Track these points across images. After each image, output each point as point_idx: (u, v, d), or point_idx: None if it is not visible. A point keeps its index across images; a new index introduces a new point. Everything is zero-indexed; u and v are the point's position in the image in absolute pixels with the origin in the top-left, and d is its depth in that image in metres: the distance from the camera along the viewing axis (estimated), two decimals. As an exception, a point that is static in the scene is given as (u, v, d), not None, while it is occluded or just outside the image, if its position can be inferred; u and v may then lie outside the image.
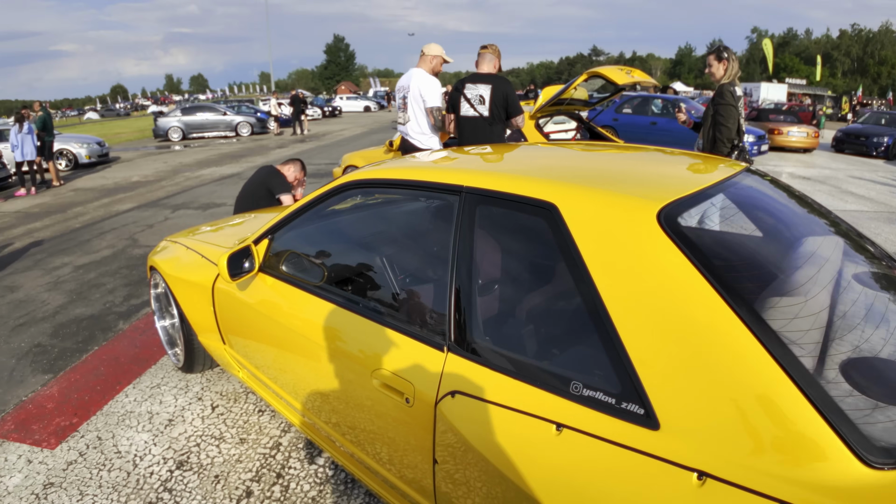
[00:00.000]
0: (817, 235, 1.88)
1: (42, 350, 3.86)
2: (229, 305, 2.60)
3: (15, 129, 10.07)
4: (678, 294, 1.19)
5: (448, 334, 1.57)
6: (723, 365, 1.09)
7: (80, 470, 2.54)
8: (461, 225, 1.64)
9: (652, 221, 1.30)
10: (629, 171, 1.91)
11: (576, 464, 1.20)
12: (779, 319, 1.21)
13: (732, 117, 4.11)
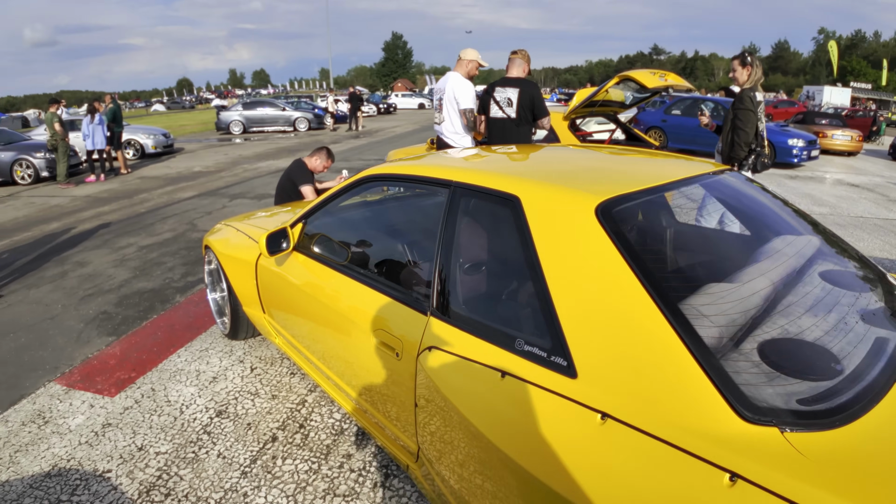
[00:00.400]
0: (772, 233, 2.03)
1: (107, 317, 4.34)
2: (269, 279, 2.95)
3: (87, 119, 10.91)
4: (602, 274, 1.42)
5: (431, 302, 1.85)
6: (632, 332, 1.31)
7: (135, 414, 2.94)
8: (448, 213, 1.92)
9: (590, 213, 1.52)
10: (589, 169, 2.13)
11: (512, 403, 1.45)
12: (690, 301, 1.42)
13: (751, 122, 4.18)
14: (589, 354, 1.35)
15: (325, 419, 2.82)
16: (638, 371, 1.27)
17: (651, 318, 1.29)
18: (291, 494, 2.30)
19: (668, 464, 1.13)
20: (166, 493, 2.34)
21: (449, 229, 1.90)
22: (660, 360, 1.25)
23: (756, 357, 1.34)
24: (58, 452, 2.65)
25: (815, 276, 1.82)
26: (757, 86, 4.34)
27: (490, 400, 1.51)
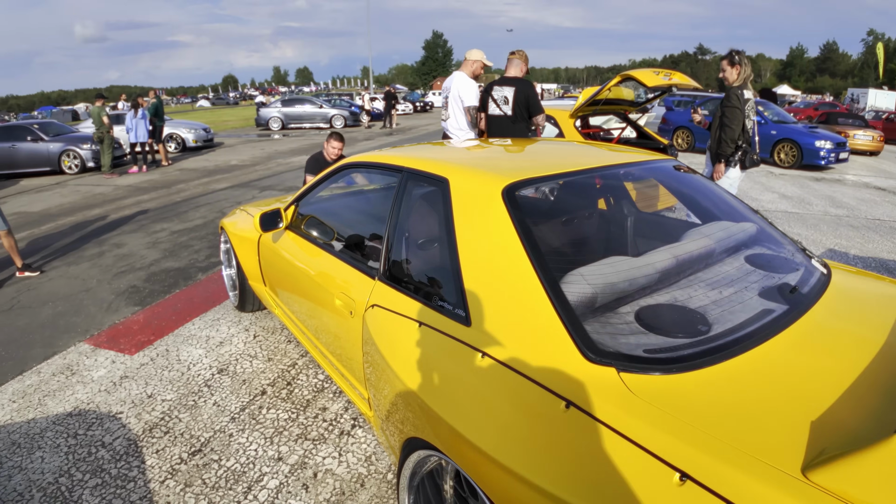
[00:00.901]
0: (696, 218, 2.28)
1: (136, 290, 4.81)
2: (268, 256, 3.32)
3: (130, 114, 11.62)
4: (498, 243, 1.70)
5: (379, 269, 2.17)
6: (512, 290, 1.59)
7: (149, 369, 3.36)
8: (398, 194, 2.25)
9: (497, 193, 1.81)
10: (513, 158, 2.40)
11: (424, 346, 1.76)
12: (579, 270, 1.67)
13: (737, 119, 4.34)
14: (480, 307, 1.65)
15: (309, 379, 3.18)
16: (513, 321, 1.56)
17: (528, 281, 1.57)
18: (269, 437, 2.66)
19: (521, 390, 1.42)
20: (166, 431, 2.73)
21: (397, 207, 2.22)
22: (529, 313, 1.53)
23: (630, 317, 1.60)
24: (80, 397, 3.08)
25: (739, 258, 2.04)
26: (746, 84, 4.49)
27: (406, 345, 1.82)
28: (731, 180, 4.54)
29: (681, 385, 1.32)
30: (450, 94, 5.24)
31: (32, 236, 6.90)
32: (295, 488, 2.31)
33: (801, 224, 6.92)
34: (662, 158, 2.52)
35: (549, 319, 1.48)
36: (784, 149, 12.11)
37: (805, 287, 1.86)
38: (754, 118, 4.50)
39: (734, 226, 2.24)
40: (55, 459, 2.55)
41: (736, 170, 4.51)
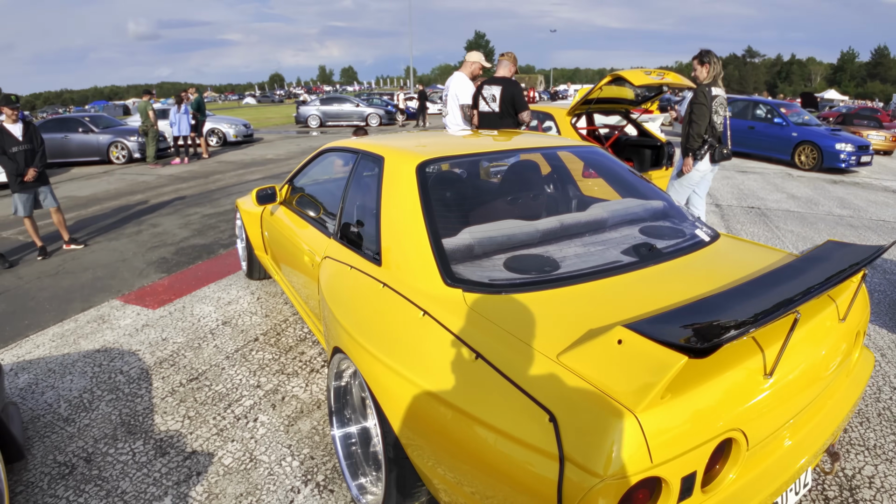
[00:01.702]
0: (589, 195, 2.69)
1: (164, 261, 5.45)
2: (267, 227, 3.86)
3: (174, 109, 12.48)
4: (405, 206, 2.17)
5: (334, 229, 2.67)
6: (410, 239, 2.05)
7: (166, 320, 3.95)
8: (353, 170, 2.74)
9: (412, 168, 2.28)
10: (439, 143, 2.82)
11: (349, 282, 2.25)
12: (469, 228, 2.12)
13: (704, 116, 4.66)
14: (390, 253, 2.12)
15: (296, 331, 3.71)
16: (406, 262, 2.03)
17: (419, 233, 2.04)
18: (253, 371, 3.20)
19: (400, 307, 1.89)
20: (172, 364, 3.30)
21: (351, 181, 2.73)
22: (417, 256, 1.99)
23: (500, 262, 2.02)
24: (107, 339, 3.68)
25: (634, 228, 2.42)
26: (717, 81, 4.79)
27: (341, 283, 2.31)
28: (701, 173, 4.85)
29: (506, 302, 1.75)
30: (448, 93, 5.71)
31: (80, 217, 7.69)
32: (265, 406, 2.84)
33: (798, 222, 7.08)
34: (585, 146, 2.95)
35: (428, 260, 1.95)
36: (805, 151, 12.09)
37: (668, 248, 2.21)
38: (723, 114, 4.80)
39: (639, 203, 2.64)
40: (81, 381, 3.15)
41: (705, 163, 4.81)
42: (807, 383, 1.58)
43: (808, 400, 1.59)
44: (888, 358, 3.34)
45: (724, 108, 4.83)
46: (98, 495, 2.26)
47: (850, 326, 1.81)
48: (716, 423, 1.28)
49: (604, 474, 1.13)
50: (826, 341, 1.68)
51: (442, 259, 1.93)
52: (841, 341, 1.76)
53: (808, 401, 1.59)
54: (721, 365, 1.36)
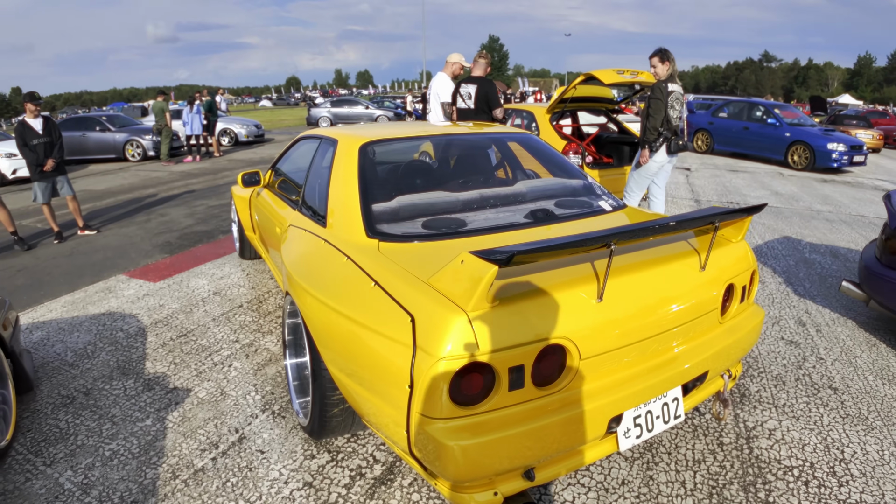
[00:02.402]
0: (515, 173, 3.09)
1: (168, 244, 5.95)
2: (255, 208, 4.31)
3: (187, 109, 13.07)
4: (346, 178, 2.59)
5: (298, 201, 3.11)
6: (346, 204, 2.47)
7: (164, 290, 4.43)
8: (316, 152, 3.17)
9: (356, 148, 2.71)
10: (384, 130, 3.22)
11: (302, 242, 2.68)
12: (399, 197, 2.53)
13: (660, 110, 5.03)
14: (333, 217, 2.54)
15: (276, 300, 4.16)
16: (343, 222, 2.45)
17: (353, 200, 2.46)
18: (234, 329, 3.66)
19: (332, 256, 2.31)
20: (165, 324, 3.77)
21: (314, 161, 3.16)
22: (350, 217, 2.41)
23: (420, 222, 2.42)
24: (112, 305, 4.16)
25: (551, 203, 2.77)
26: (674, 78, 5.15)
27: (295, 243, 2.75)
28: (658, 164, 5.22)
29: (408, 248, 2.17)
30: (431, 92, 6.15)
31: (94, 207, 8.24)
32: (240, 356, 3.29)
33: (772, 216, 7.35)
34: (519, 133, 3.36)
35: (356, 219, 2.38)
36: (797, 151, 12.26)
37: (565, 215, 2.61)
38: (679, 108, 5.16)
39: (561, 181, 3.05)
40: (87, 337, 3.62)
41: (661, 154, 5.18)
42: (651, 316, 1.90)
43: (654, 332, 1.91)
44: (823, 333, 3.67)
45: (681, 104, 5.19)
46: (92, 418, 2.71)
47: (714, 276, 2.14)
48: (542, 330, 1.65)
49: (439, 356, 1.53)
50: (680, 284, 2.03)
51: (367, 218, 2.36)
52: (701, 288, 2.07)
53: (654, 332, 1.91)
54: (555, 286, 1.75)
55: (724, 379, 2.38)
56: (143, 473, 2.30)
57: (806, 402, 2.87)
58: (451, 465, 1.53)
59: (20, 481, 2.28)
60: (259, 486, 2.20)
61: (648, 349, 1.91)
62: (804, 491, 2.22)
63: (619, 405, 1.79)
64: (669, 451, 2.43)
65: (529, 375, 1.64)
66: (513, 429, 1.58)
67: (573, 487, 2.21)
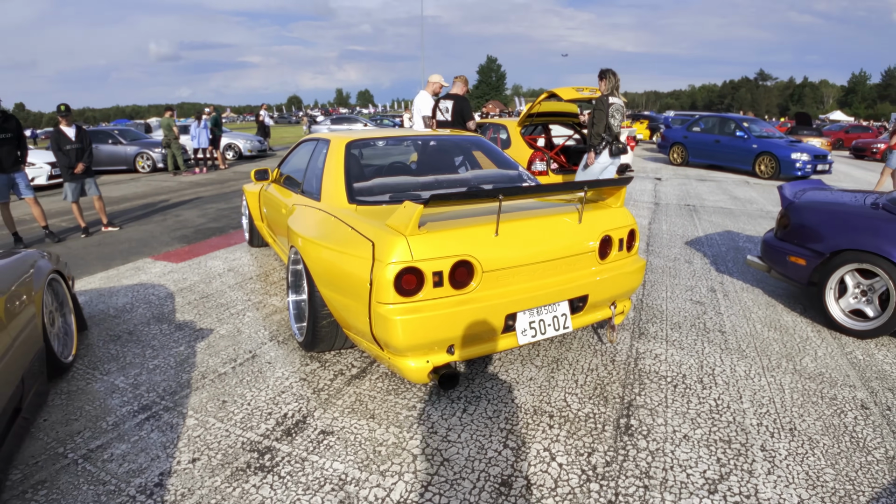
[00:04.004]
0: (462, 164, 3.97)
1: (185, 237, 6.82)
2: (263, 200, 5.19)
3: (194, 124, 14.02)
4: (336, 166, 3.45)
5: (300, 188, 3.97)
6: (335, 183, 3.34)
7: (185, 268, 5.29)
8: (314, 150, 4.05)
9: (343, 145, 3.58)
10: (366, 132, 4.10)
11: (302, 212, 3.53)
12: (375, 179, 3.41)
13: (601, 120, 5.94)
14: (325, 192, 3.41)
15: (280, 274, 5.03)
16: (331, 196, 3.32)
17: (340, 181, 3.33)
18: (246, 294, 4.51)
19: (324, 217, 3.17)
20: (189, 290, 4.63)
21: (312, 157, 4.03)
22: (337, 193, 3.28)
23: (387, 196, 3.29)
24: (142, 278, 5.02)
25: (490, 185, 3.68)
26: (613, 92, 6.04)
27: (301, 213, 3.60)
28: (601, 165, 6.11)
29: (376, 208, 3.04)
30: (414, 108, 7.09)
31: (112, 210, 9.12)
32: (251, 309, 4.15)
33: (722, 215, 8.18)
34: (470, 136, 4.26)
35: (342, 193, 3.25)
36: (764, 161, 13.13)
37: (486, 185, 3.55)
38: (619, 118, 6.06)
39: (501, 171, 3.93)
40: (124, 299, 4.47)
41: (604, 156, 6.07)
42: (536, 249, 2.71)
43: (540, 260, 2.72)
44: (729, 297, 4.48)
45: (621, 114, 6.08)
46: (136, 347, 3.55)
47: (590, 228, 2.95)
48: (455, 249, 2.50)
49: (388, 262, 2.39)
50: (561, 231, 2.87)
51: (349, 191, 3.26)
52: (578, 235, 2.90)
53: (540, 260, 2.73)
54: (466, 224, 2.62)
55: (612, 310, 3.19)
56: (179, 377, 3.14)
57: (694, 339, 3.63)
58: (395, 334, 2.38)
59: (83, 385, 3.11)
60: (267, 380, 3.06)
61: (536, 271, 2.76)
62: (671, 390, 2.98)
63: (512, 306, 2.63)
64: (571, 363, 3.27)
65: (447, 278, 2.49)
66: (436, 312, 2.43)
67: (493, 381, 3.05)
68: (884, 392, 2.98)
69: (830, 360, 3.37)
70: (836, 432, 2.60)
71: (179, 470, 2.33)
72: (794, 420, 2.70)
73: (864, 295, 3.76)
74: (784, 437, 2.54)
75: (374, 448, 2.40)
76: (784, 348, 3.52)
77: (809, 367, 3.26)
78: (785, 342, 3.61)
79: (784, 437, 2.54)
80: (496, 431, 2.56)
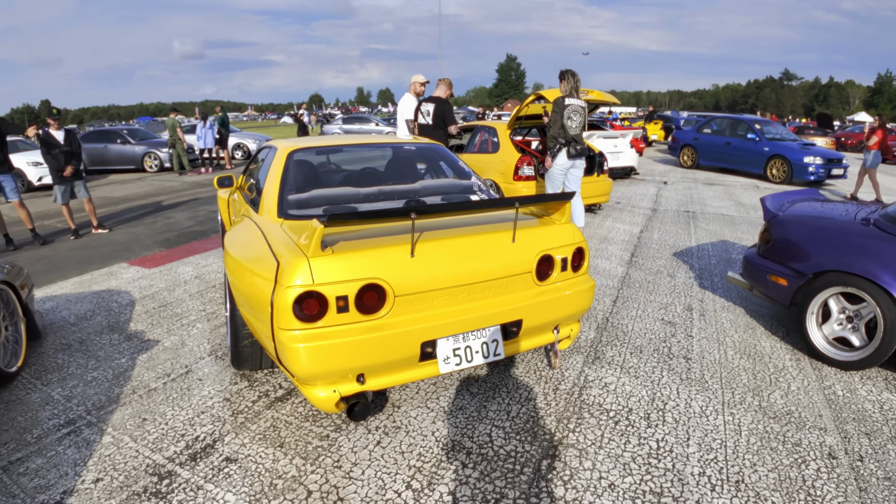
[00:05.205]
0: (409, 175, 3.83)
1: (167, 240, 6.82)
2: (231, 207, 5.14)
3: (200, 124, 14.13)
4: (275, 176, 3.33)
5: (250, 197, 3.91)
6: (271, 196, 3.21)
7: (156, 275, 5.28)
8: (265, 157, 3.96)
9: (284, 154, 3.47)
10: (313, 140, 3.98)
11: (240, 224, 3.44)
12: (312, 190, 3.28)
13: (556, 122, 5.79)
14: (262, 203, 3.30)
15: (246, 281, 4.97)
16: (267, 208, 3.21)
17: (275, 192, 3.21)
18: (204, 303, 4.47)
19: (253, 231, 3.05)
20: (151, 298, 4.60)
21: (263, 164, 3.95)
22: (271, 204, 3.16)
23: (321, 210, 3.14)
24: (112, 284, 5.01)
25: (439, 197, 3.48)
26: (571, 93, 5.86)
27: (238, 227, 3.51)
28: (560, 166, 5.96)
29: (302, 223, 2.80)
30: (398, 110, 6.99)
31: (110, 211, 9.20)
32: (203, 320, 4.10)
33: (721, 223, 7.91)
34: (428, 143, 4.12)
35: (274, 206, 3.11)
36: (776, 165, 12.71)
37: (429, 200, 3.36)
38: (578, 119, 5.86)
39: (454, 181, 3.72)
40: (88, 306, 4.46)
41: (562, 158, 5.90)
42: (458, 270, 2.51)
43: (464, 282, 2.52)
44: (706, 317, 4.22)
45: (578, 115, 5.88)
46: (83, 358, 3.52)
47: (525, 247, 2.71)
48: (363, 272, 2.34)
49: (286, 286, 2.26)
50: (491, 251, 2.63)
51: (280, 204, 3.09)
52: (510, 255, 2.66)
53: (464, 283, 2.52)
54: (378, 244, 2.45)
55: (555, 334, 2.96)
56: (111, 390, 3.10)
57: (654, 366, 3.34)
58: (295, 362, 2.25)
59: (22, 395, 3.09)
60: (192, 399, 2.99)
61: (461, 295, 2.56)
62: (611, 427, 2.70)
63: (430, 332, 2.43)
64: (510, 391, 3.08)
65: (353, 303, 2.34)
66: (341, 339, 2.28)
67: (420, 410, 2.89)
68: (858, 438, 2.65)
69: (804, 395, 3.05)
70: (792, 488, 2.30)
71: (81, 490, 2.29)
72: (743, 470, 2.40)
73: (850, 321, 3.40)
74: (726, 492, 2.27)
75: (271, 480, 2.31)
76: (753, 380, 3.20)
77: (777, 405, 2.94)
78: (756, 372, 3.29)
79: (726, 492, 2.27)
80: (404, 469, 2.41)
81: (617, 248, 6.24)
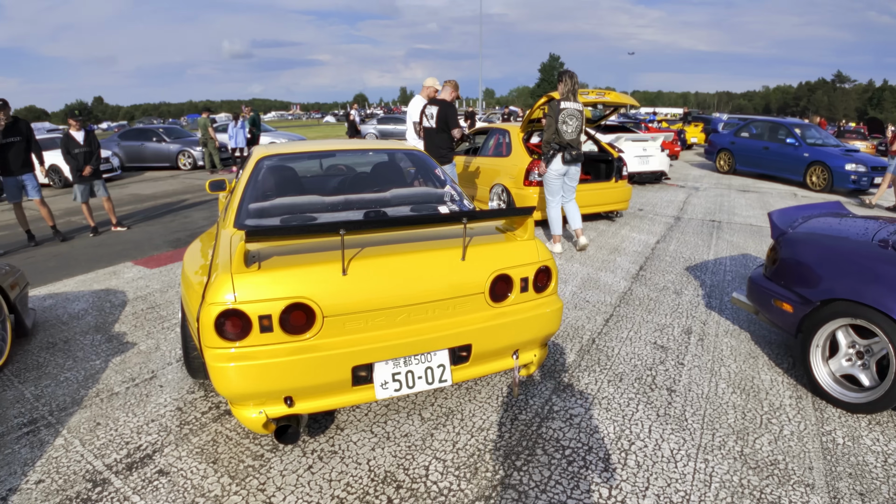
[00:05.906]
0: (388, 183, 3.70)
1: (179, 240, 6.95)
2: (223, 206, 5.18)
3: (232, 123, 14.39)
4: (241, 183, 3.26)
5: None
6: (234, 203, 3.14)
7: (155, 275, 5.37)
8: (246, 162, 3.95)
9: (255, 160, 3.42)
10: (294, 146, 3.89)
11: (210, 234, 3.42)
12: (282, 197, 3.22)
13: (550, 126, 5.61)
14: (227, 210, 3.26)
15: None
16: (226, 217, 3.15)
17: (237, 199, 3.13)
18: (194, 304, 4.48)
19: (210, 242, 3.03)
20: (143, 300, 4.67)
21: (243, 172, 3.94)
22: (231, 212, 3.10)
23: (278, 220, 3.03)
24: (112, 284, 5.11)
25: (409, 207, 3.30)
26: (568, 96, 5.66)
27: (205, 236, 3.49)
28: (555, 172, 5.80)
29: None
30: (407, 113, 6.94)
31: (135, 209, 9.45)
32: (187, 322, 4.10)
33: (746, 234, 7.47)
34: (408, 149, 4.03)
35: (233, 215, 3.02)
36: (816, 172, 11.93)
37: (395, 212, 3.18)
38: (574, 123, 5.66)
39: (427, 190, 3.54)
40: (83, 305, 4.56)
41: (556, 164, 5.73)
42: (398, 291, 2.34)
43: (403, 303, 2.35)
44: (704, 342, 3.86)
45: (575, 119, 5.67)
46: (62, 358, 3.58)
47: (477, 266, 2.51)
48: (290, 290, 2.16)
49: (209, 303, 2.16)
50: (436, 270, 2.44)
51: (239, 214, 2.99)
52: (459, 274, 2.47)
53: (403, 304, 2.35)
54: (308, 260, 2.33)
55: (514, 359, 2.69)
56: (78, 392, 3.14)
57: (630, 398, 3.02)
58: (219, 381, 2.17)
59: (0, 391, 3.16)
60: (147, 405, 2.99)
61: (402, 316, 2.36)
62: (562, 468, 2.43)
63: (364, 356, 2.27)
64: (464, 418, 2.85)
65: (277, 323, 2.18)
66: (264, 360, 2.17)
67: (362, 434, 2.73)
68: (850, 498, 2.25)
69: (796, 442, 2.64)
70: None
71: (24, 489, 2.33)
72: (701, 535, 2.05)
73: (860, 357, 2.98)
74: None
75: (193, 499, 2.26)
76: (741, 420, 2.82)
77: (762, 452, 2.56)
78: (746, 411, 2.91)
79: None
80: (326, 500, 2.27)
81: (626, 259, 5.99)
